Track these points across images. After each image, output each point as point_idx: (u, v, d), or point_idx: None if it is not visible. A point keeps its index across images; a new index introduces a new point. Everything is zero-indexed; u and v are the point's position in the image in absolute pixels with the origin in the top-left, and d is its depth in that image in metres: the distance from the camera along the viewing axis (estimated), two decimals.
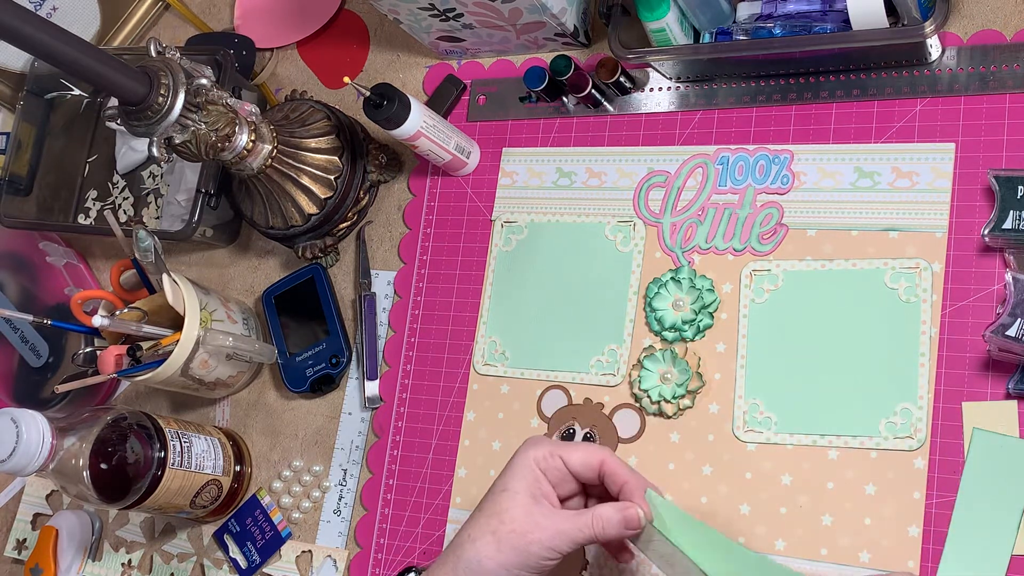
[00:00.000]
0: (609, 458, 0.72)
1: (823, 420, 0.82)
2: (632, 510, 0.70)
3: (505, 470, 0.73)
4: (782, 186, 0.88)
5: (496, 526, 0.70)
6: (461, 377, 0.95)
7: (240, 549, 1.00)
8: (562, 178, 0.96)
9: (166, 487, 0.92)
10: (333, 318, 1.01)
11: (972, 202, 0.81)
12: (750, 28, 0.87)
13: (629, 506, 0.70)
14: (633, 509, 0.70)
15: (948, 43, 0.85)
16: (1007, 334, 0.73)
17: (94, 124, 1.20)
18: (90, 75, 0.82)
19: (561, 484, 0.73)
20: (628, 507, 0.70)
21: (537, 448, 0.73)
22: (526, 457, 0.72)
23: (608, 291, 0.91)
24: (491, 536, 0.70)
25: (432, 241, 1.00)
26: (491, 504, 0.72)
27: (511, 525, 0.70)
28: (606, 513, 0.70)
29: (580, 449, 0.73)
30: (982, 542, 0.75)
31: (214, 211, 1.03)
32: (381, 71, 1.08)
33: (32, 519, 1.12)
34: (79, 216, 1.18)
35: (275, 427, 1.03)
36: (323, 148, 0.98)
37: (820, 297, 0.84)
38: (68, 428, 0.87)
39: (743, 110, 0.90)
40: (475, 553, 0.70)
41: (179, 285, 0.95)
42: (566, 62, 0.93)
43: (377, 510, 0.95)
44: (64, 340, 1.11)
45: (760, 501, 0.82)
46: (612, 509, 0.70)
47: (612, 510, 0.70)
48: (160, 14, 1.23)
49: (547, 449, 0.72)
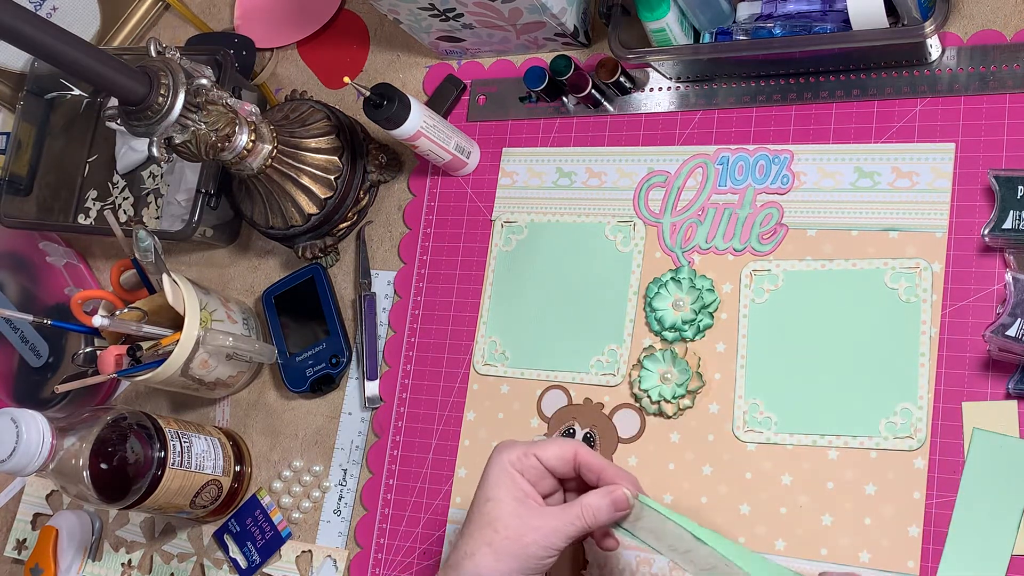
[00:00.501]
0: (581, 449, 0.73)
1: (823, 420, 0.82)
2: (619, 491, 0.71)
3: (483, 481, 0.73)
4: (782, 186, 0.88)
5: (490, 536, 0.70)
6: (461, 377, 0.95)
7: (240, 549, 1.00)
8: (562, 178, 0.96)
9: (166, 487, 0.92)
10: (333, 318, 1.01)
11: (972, 202, 0.81)
12: (750, 28, 0.87)
13: (615, 489, 0.71)
14: (620, 491, 0.71)
15: (948, 43, 0.85)
16: (1007, 334, 0.73)
17: (94, 124, 1.20)
18: (90, 75, 0.82)
19: (539, 482, 0.74)
20: (614, 490, 0.71)
21: (510, 451, 0.73)
22: (501, 462, 0.73)
23: (608, 291, 0.91)
24: (487, 548, 0.70)
25: (432, 241, 1.00)
26: (479, 517, 0.72)
27: (504, 532, 0.70)
28: (594, 501, 0.71)
29: (552, 445, 0.73)
30: (982, 542, 0.75)
31: (214, 211, 1.03)
32: (381, 71, 1.08)
33: (32, 519, 1.12)
34: (79, 216, 1.18)
35: (275, 427, 1.03)
36: (323, 148, 0.98)
37: (820, 297, 0.84)
38: (68, 428, 0.87)
39: (743, 110, 0.90)
40: (474, 567, 0.70)
41: (179, 285, 0.95)
42: (566, 62, 0.93)
43: (377, 510, 0.95)
44: (64, 340, 1.11)
45: (760, 501, 0.82)
46: (598, 496, 0.71)
47: (599, 496, 0.71)
48: (160, 14, 1.23)
49: (519, 450, 0.73)
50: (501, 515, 0.71)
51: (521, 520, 0.71)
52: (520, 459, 0.73)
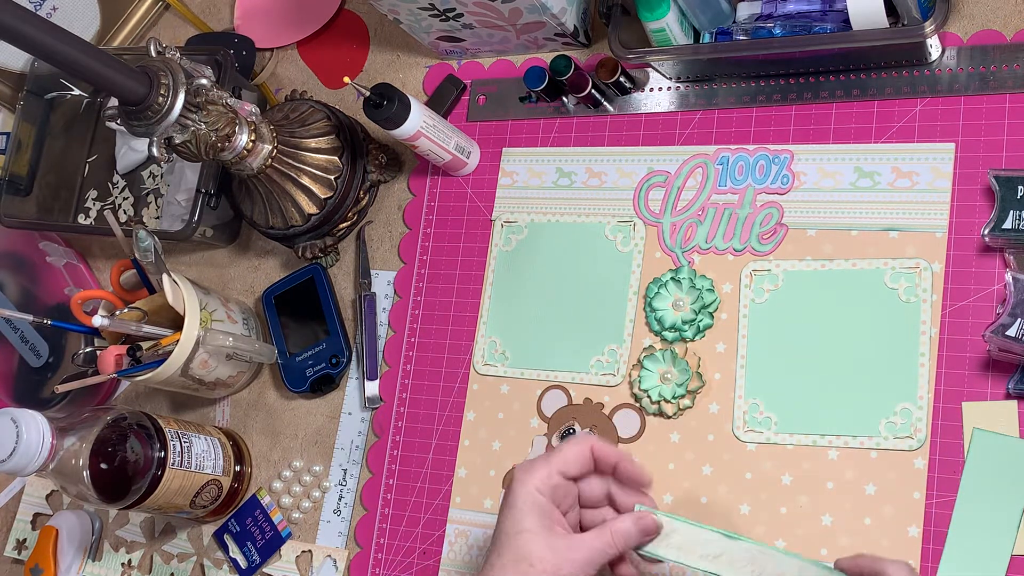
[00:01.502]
0: (595, 443, 0.74)
1: (823, 420, 0.82)
2: (648, 518, 0.72)
3: (509, 509, 0.71)
4: (782, 186, 0.88)
5: (526, 570, 0.69)
6: (461, 377, 0.95)
7: (240, 549, 1.00)
8: (562, 178, 0.96)
9: (166, 487, 0.92)
10: (333, 318, 1.01)
11: (972, 202, 0.81)
12: (750, 28, 0.87)
13: (644, 515, 0.72)
14: (649, 517, 0.72)
15: (948, 43, 0.85)
16: (1007, 334, 0.73)
17: (94, 124, 1.20)
18: (90, 75, 0.82)
19: (563, 500, 0.73)
20: (643, 516, 0.72)
21: (533, 475, 0.72)
22: (527, 489, 0.71)
23: (608, 291, 0.91)
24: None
25: (432, 241, 1.00)
26: (511, 550, 0.70)
27: (541, 567, 0.69)
28: (623, 527, 0.71)
29: (569, 450, 0.73)
30: (982, 542, 0.75)
31: (214, 211, 1.03)
32: (381, 71, 1.08)
33: (32, 519, 1.12)
34: (79, 216, 1.18)
35: (275, 427, 1.03)
36: (323, 148, 0.98)
37: (820, 297, 0.84)
38: (68, 428, 0.87)
39: (743, 110, 0.90)
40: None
41: (179, 285, 0.95)
42: (566, 62, 0.93)
43: (377, 510, 0.95)
44: (64, 340, 1.11)
45: (760, 501, 0.82)
46: (628, 521, 0.72)
47: (629, 522, 0.72)
48: (160, 14, 1.23)
49: (542, 472, 0.72)
50: (535, 549, 0.69)
51: (556, 553, 0.70)
52: (545, 481, 0.71)
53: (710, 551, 0.72)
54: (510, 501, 0.71)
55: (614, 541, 0.71)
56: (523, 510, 0.71)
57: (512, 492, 0.72)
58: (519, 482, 0.72)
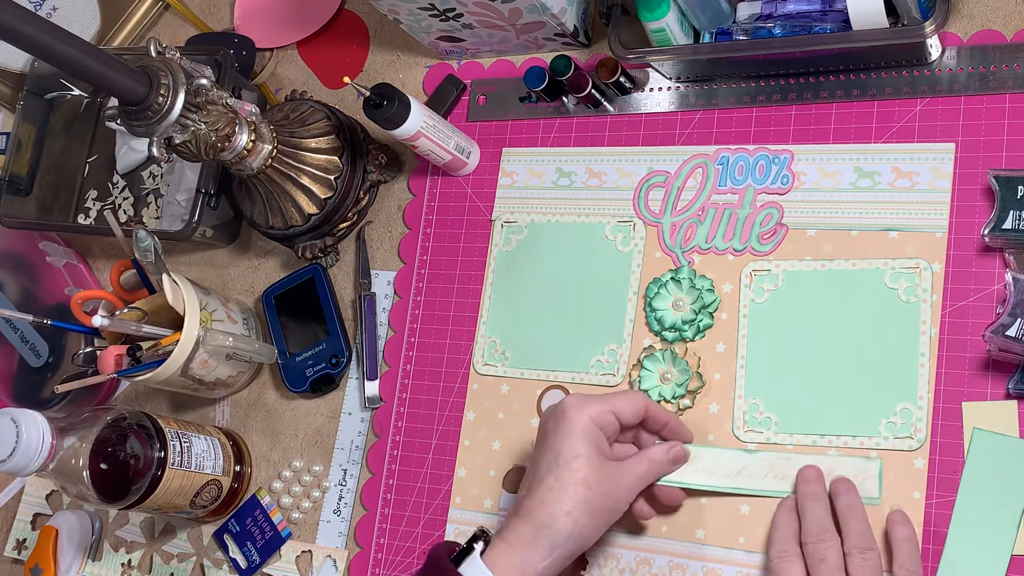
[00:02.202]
0: (650, 403, 0.79)
1: (823, 420, 0.82)
2: (678, 447, 0.80)
3: (565, 435, 0.75)
4: (782, 186, 0.88)
5: (585, 494, 0.73)
6: (461, 377, 0.95)
7: (240, 549, 1.00)
8: (562, 178, 0.96)
9: (166, 487, 0.92)
10: (333, 318, 1.01)
11: (972, 202, 0.81)
12: (750, 28, 0.87)
13: (674, 445, 0.80)
14: (679, 447, 0.80)
15: (948, 43, 0.85)
16: (1007, 334, 0.73)
17: (94, 124, 1.20)
18: (90, 75, 0.82)
19: (612, 437, 0.78)
20: (674, 446, 0.80)
21: (588, 407, 0.76)
22: (583, 418, 0.75)
23: (608, 291, 0.91)
24: (585, 506, 0.73)
25: (432, 241, 1.00)
26: (569, 473, 0.74)
27: (599, 489, 0.74)
28: (659, 456, 0.79)
29: (624, 399, 0.78)
30: (982, 542, 0.75)
31: (214, 211, 1.03)
32: (381, 71, 1.08)
33: (32, 519, 1.12)
34: (79, 216, 1.18)
35: (275, 427, 1.03)
36: (323, 148, 0.98)
37: (820, 297, 0.84)
38: (68, 428, 0.87)
39: (743, 110, 0.90)
40: (573, 525, 0.73)
41: (179, 285, 0.95)
42: (566, 62, 0.93)
43: (377, 510, 0.95)
44: (64, 340, 1.11)
45: (760, 501, 0.82)
46: (662, 451, 0.79)
47: (662, 452, 0.79)
48: (160, 14, 1.23)
49: (597, 406, 0.76)
50: (592, 473, 0.74)
51: (609, 479, 0.75)
52: (601, 415, 0.76)
53: (734, 468, 0.81)
54: (566, 427, 0.75)
55: (649, 468, 0.78)
56: (580, 436, 0.75)
57: (568, 419, 0.76)
58: (576, 410, 0.76)
